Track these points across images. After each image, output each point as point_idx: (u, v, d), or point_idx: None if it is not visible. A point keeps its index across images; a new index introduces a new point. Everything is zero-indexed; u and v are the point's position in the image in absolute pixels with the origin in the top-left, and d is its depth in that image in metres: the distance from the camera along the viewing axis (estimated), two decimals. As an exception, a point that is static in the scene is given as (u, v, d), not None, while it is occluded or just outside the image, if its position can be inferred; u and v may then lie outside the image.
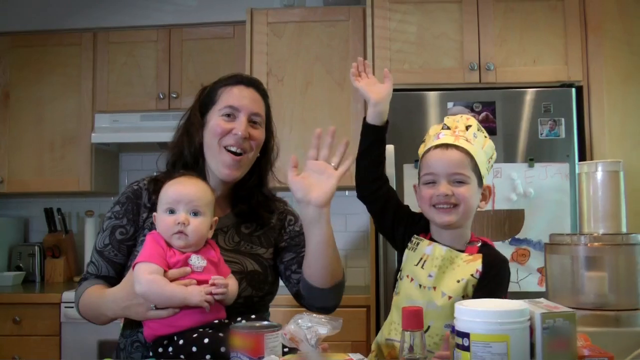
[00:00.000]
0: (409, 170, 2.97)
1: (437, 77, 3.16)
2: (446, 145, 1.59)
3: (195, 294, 1.44)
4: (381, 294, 3.02)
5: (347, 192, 3.68)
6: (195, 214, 1.53)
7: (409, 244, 1.65)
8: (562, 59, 3.13)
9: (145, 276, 1.45)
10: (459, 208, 1.58)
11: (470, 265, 1.54)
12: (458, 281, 1.52)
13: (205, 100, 1.77)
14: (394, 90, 1.71)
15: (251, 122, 1.73)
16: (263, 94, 1.80)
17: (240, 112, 1.71)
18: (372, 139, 1.69)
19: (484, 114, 3.01)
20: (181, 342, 1.43)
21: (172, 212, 1.52)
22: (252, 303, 1.67)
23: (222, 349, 1.38)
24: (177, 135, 1.79)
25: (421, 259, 1.60)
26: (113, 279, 1.68)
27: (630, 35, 3.13)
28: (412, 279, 1.60)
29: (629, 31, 3.13)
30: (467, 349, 1.07)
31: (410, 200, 1.74)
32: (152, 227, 1.64)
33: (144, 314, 1.49)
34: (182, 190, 1.54)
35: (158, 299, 1.46)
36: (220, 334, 1.41)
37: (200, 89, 1.83)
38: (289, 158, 1.60)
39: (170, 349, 1.44)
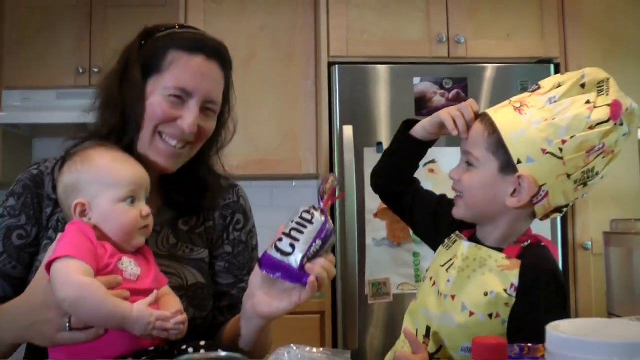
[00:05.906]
0: (370, 154, 2.63)
1: (401, 49, 2.85)
2: (480, 116, 1.24)
3: (141, 322, 1.02)
4: (338, 299, 2.68)
5: (294, 182, 3.32)
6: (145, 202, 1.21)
7: (446, 240, 1.31)
8: (538, 33, 2.92)
9: (78, 277, 1.02)
10: (463, 199, 1.23)
11: (505, 275, 1.15)
12: (486, 294, 1.14)
13: (148, 61, 1.28)
14: (351, 63, 1.32)
15: (203, 109, 1.27)
16: (226, 66, 1.33)
17: (193, 97, 1.25)
18: (412, 152, 1.38)
19: (454, 91, 2.71)
20: None
21: (132, 201, 1.17)
22: (194, 326, 1.24)
23: None
24: (105, 95, 1.30)
25: (450, 259, 1.23)
26: (9, 300, 1.19)
27: (611, 10, 2.94)
28: (434, 283, 1.25)
29: (608, 5, 2.94)
30: None
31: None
32: (60, 226, 1.26)
33: (52, 337, 1.06)
34: (140, 172, 1.19)
35: (90, 313, 1.04)
36: None
37: (140, 32, 1.33)
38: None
39: None
